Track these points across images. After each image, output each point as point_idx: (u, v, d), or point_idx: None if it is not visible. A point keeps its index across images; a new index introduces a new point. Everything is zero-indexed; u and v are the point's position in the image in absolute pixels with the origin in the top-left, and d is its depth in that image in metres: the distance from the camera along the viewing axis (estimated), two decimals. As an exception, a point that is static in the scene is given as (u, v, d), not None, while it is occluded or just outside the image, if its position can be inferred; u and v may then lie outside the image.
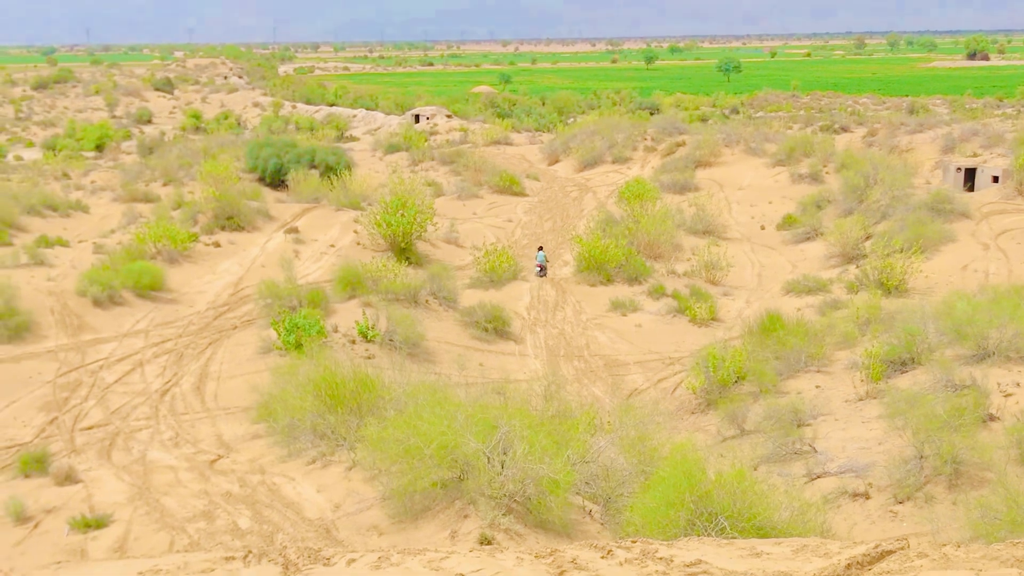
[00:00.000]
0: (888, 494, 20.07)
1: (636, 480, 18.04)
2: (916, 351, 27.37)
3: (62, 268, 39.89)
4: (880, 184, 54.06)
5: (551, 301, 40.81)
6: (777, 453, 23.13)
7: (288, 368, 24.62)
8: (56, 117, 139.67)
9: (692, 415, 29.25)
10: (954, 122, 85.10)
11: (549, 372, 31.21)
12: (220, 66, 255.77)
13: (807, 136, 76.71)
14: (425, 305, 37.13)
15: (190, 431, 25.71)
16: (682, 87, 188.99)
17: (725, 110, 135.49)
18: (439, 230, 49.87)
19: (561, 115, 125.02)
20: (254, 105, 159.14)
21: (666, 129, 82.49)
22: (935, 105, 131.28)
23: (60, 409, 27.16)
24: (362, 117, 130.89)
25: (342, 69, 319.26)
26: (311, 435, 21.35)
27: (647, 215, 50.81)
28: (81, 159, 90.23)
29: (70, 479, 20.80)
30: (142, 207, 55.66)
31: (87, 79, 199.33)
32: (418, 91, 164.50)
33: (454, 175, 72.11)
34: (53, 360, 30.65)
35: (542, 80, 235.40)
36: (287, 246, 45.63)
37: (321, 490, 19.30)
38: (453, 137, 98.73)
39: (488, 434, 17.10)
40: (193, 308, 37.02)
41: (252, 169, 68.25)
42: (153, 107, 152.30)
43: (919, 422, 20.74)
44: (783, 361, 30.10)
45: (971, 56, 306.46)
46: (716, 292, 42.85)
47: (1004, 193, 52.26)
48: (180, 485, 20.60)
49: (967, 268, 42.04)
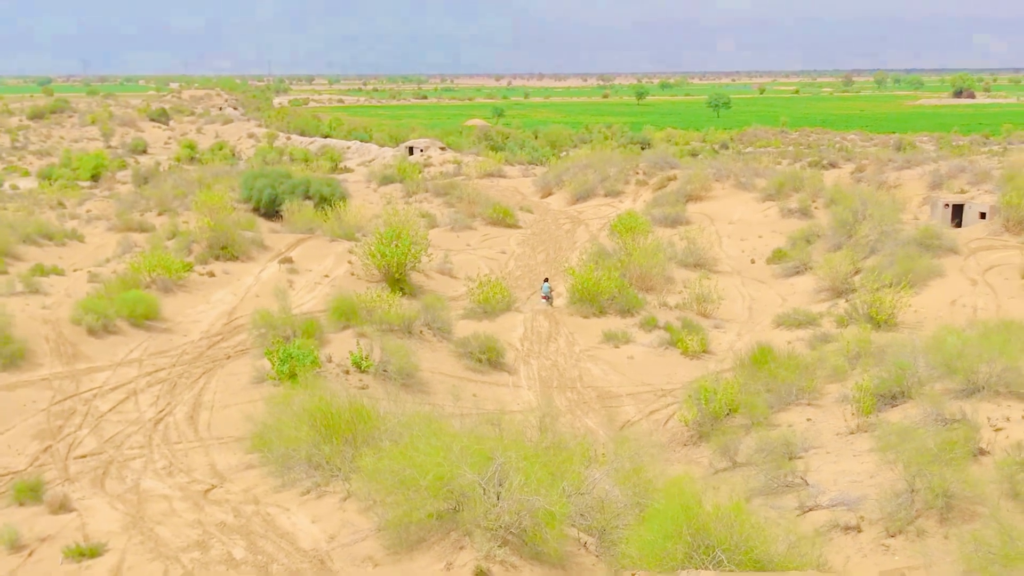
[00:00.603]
0: (880, 527, 20.00)
1: (631, 512, 17.97)
2: (906, 385, 27.34)
3: (57, 297, 39.80)
4: (869, 219, 54.28)
5: (544, 332, 40.79)
6: (769, 486, 23.05)
7: (282, 398, 24.50)
8: (52, 147, 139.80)
9: (684, 447, 29.20)
10: (941, 159, 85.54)
11: (543, 403, 31.13)
12: (215, 97, 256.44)
13: (796, 171, 77.14)
14: (419, 336, 37.07)
15: (184, 460, 25.56)
16: (672, 122, 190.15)
17: (715, 145, 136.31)
18: (433, 261, 49.92)
19: (554, 148, 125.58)
20: (249, 136, 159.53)
21: (657, 163, 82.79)
22: (922, 142, 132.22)
23: (54, 437, 27.00)
24: (356, 149, 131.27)
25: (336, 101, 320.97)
26: (306, 465, 21.21)
27: (639, 248, 50.90)
28: (76, 188, 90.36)
29: (64, 508, 20.64)
30: (137, 236, 55.63)
31: (83, 109, 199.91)
32: (412, 123, 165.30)
33: (448, 207, 72.26)
34: (47, 388, 30.50)
35: (535, 114, 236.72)
36: (281, 276, 45.58)
37: (316, 521, 19.16)
38: (447, 169, 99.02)
39: (484, 465, 17.03)
40: (187, 337, 36.92)
41: (247, 199, 68.20)
42: (148, 137, 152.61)
43: (910, 456, 20.70)
44: (774, 394, 30.06)
45: (957, 94, 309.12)
46: (707, 325, 42.88)
47: (991, 229, 52.45)
48: (174, 515, 20.44)
49: (955, 303, 42.14)
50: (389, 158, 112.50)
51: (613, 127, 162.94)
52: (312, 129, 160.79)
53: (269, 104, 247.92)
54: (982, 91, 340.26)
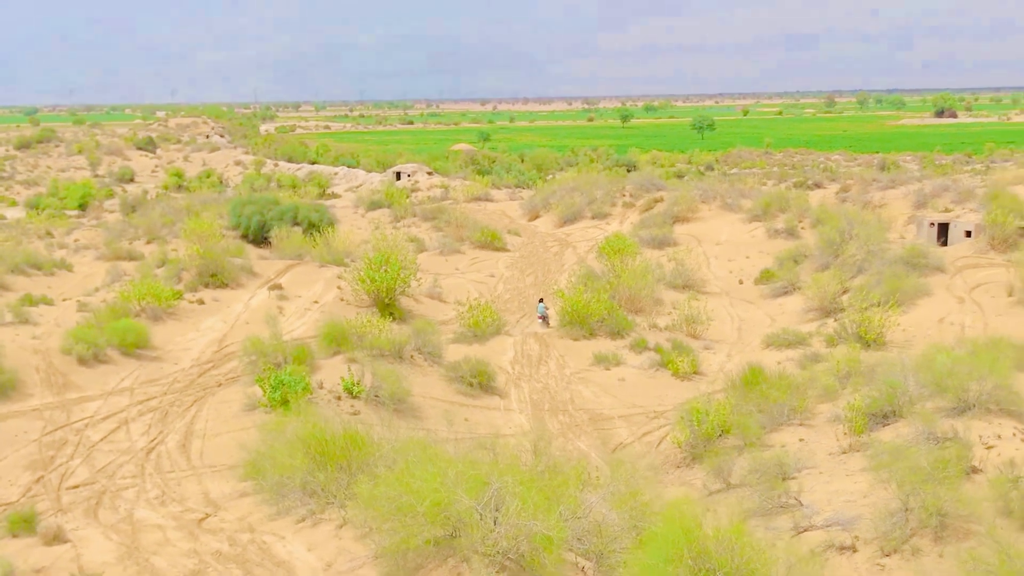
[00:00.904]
0: (875, 547, 19.98)
1: (628, 536, 17.92)
2: (897, 404, 27.39)
3: (47, 326, 39.58)
4: (855, 239, 54.51)
5: (535, 355, 40.76)
6: (764, 507, 23.03)
7: (275, 425, 24.41)
8: (39, 176, 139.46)
9: (678, 469, 29.16)
10: (925, 178, 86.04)
11: (535, 427, 31.09)
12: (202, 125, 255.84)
13: (782, 192, 77.54)
14: (410, 360, 37.01)
15: (177, 489, 25.40)
16: (657, 144, 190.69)
17: (700, 167, 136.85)
18: (422, 285, 49.89)
19: (540, 172, 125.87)
20: (236, 163, 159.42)
21: (644, 185, 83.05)
22: (905, 161, 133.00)
23: (46, 468, 26.82)
24: (344, 175, 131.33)
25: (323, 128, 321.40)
26: (300, 493, 21.11)
27: (628, 270, 50.98)
28: (64, 218, 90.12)
29: (58, 539, 20.47)
30: (126, 265, 55.40)
31: (70, 139, 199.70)
32: (399, 149, 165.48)
33: (436, 231, 72.32)
34: (38, 418, 30.31)
35: (520, 138, 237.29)
36: (271, 303, 45.45)
37: (312, 548, 19.06)
38: (434, 194, 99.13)
39: (480, 490, 16.96)
40: (178, 365, 36.75)
41: (235, 226, 68.10)
42: (135, 166, 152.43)
43: (903, 475, 20.70)
44: (766, 414, 30.08)
45: (939, 114, 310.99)
46: (697, 346, 42.90)
47: (977, 247, 52.72)
48: (169, 544, 20.31)
49: (943, 321, 42.28)
50: (376, 183, 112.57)
51: (599, 150, 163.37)
52: (299, 155, 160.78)
53: (256, 131, 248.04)
54: (963, 110, 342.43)
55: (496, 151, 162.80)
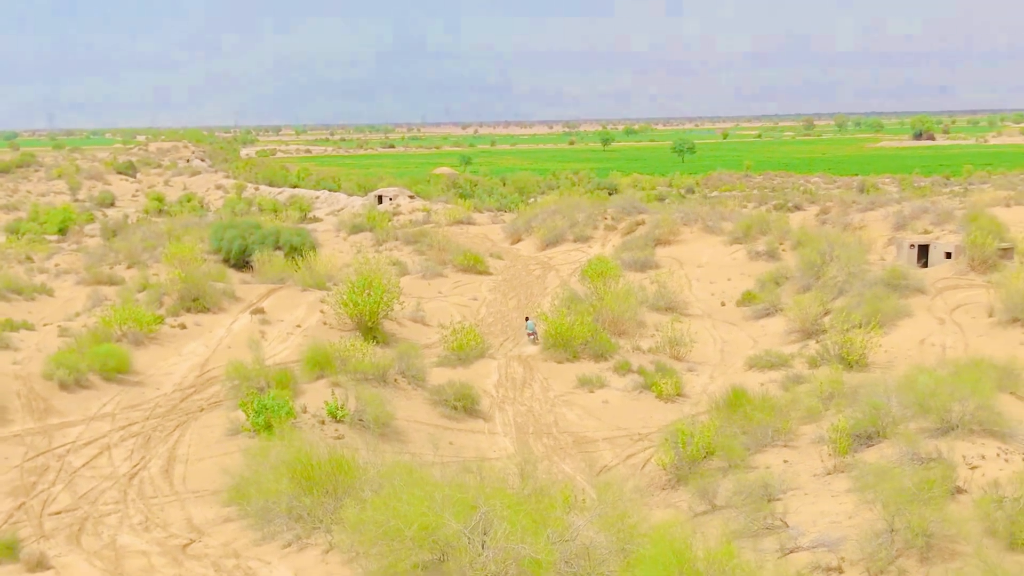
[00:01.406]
0: (861, 568, 20.01)
1: (616, 559, 17.90)
2: (881, 425, 27.48)
3: (27, 352, 39.33)
4: (836, 261, 54.77)
5: (519, 378, 40.74)
6: (749, 528, 23.02)
7: (259, 450, 24.31)
8: (19, 201, 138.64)
9: (663, 491, 29.16)
10: (904, 200, 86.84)
11: (520, 450, 31.06)
12: (182, 149, 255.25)
13: (762, 214, 77.94)
14: (394, 384, 36.92)
15: (160, 515, 25.22)
16: (638, 168, 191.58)
17: (681, 190, 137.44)
18: (405, 309, 49.78)
19: (522, 195, 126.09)
20: (217, 187, 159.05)
21: (625, 208, 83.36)
22: (884, 184, 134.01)
23: (28, 494, 26.59)
24: (325, 198, 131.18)
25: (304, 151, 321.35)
26: (286, 517, 21.01)
27: (610, 292, 51.07)
28: (44, 243, 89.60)
29: (41, 565, 20.33)
30: (107, 290, 55.04)
31: (49, 163, 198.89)
32: (380, 172, 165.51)
33: (418, 254, 72.24)
34: (20, 444, 30.06)
35: (502, 161, 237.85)
36: (253, 327, 45.28)
37: (298, 573, 18.97)
38: (416, 217, 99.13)
39: (467, 514, 16.93)
40: (160, 390, 36.55)
41: (216, 251, 67.94)
42: (116, 190, 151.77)
43: (888, 495, 20.76)
44: (750, 436, 30.12)
45: (917, 136, 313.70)
46: (680, 368, 42.97)
47: (957, 269, 53.11)
48: (153, 570, 20.18)
49: (924, 342, 42.53)
50: (358, 207, 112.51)
51: (580, 173, 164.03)
52: (280, 179, 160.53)
53: (237, 155, 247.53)
54: (941, 133, 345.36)
55: (478, 174, 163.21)
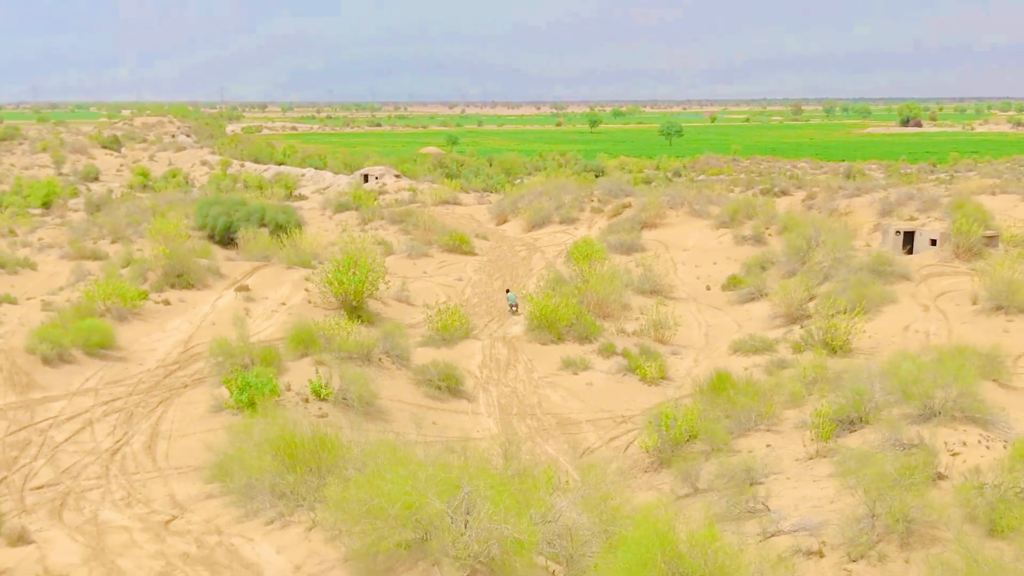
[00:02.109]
0: (842, 552, 20.14)
1: (599, 540, 17.96)
2: (864, 410, 27.62)
3: (10, 326, 39.18)
4: (822, 246, 54.91)
5: (503, 359, 40.77)
6: (731, 512, 23.13)
7: (243, 427, 24.26)
8: (2, 174, 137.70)
9: (645, 473, 29.26)
10: (890, 186, 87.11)
11: (504, 431, 31.09)
12: (168, 124, 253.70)
13: (749, 199, 78.10)
14: (378, 363, 36.90)
15: (142, 491, 25.16)
16: (626, 150, 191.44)
17: (668, 173, 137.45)
18: (390, 288, 49.71)
19: (508, 176, 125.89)
20: (202, 164, 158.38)
21: (612, 191, 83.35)
22: (871, 170, 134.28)
23: (9, 468, 26.49)
24: (311, 176, 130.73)
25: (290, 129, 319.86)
26: (269, 495, 20.98)
27: (595, 275, 51.08)
28: (28, 216, 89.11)
29: (23, 540, 20.21)
30: (91, 264, 54.89)
31: (33, 136, 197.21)
32: (366, 151, 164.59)
33: (404, 234, 72.15)
34: (2, 419, 29.91)
35: (489, 142, 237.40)
36: (238, 304, 45.17)
37: (281, 551, 18.96)
38: (402, 197, 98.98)
39: (450, 494, 16.95)
40: (143, 366, 36.43)
41: (201, 227, 67.65)
42: (100, 165, 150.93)
43: (870, 481, 20.90)
44: (733, 420, 30.24)
45: (904, 123, 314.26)
46: (665, 351, 43.06)
47: (942, 256, 53.33)
48: (135, 546, 20.13)
49: (908, 328, 42.70)
50: (344, 185, 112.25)
51: (567, 155, 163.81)
52: (266, 156, 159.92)
53: (222, 131, 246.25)
54: (928, 120, 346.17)
55: (464, 155, 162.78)
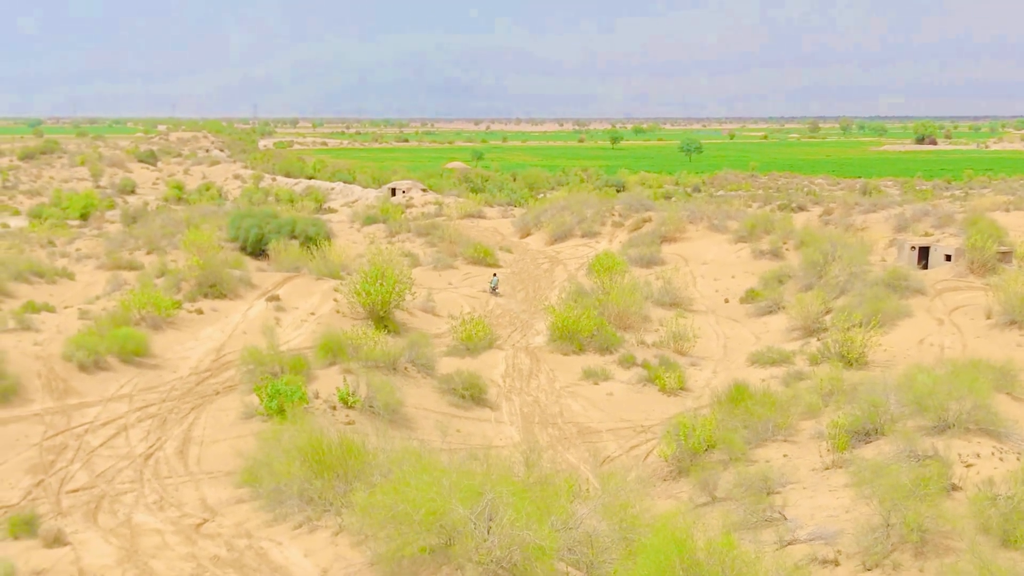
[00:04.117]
0: (857, 561, 20.01)
1: (619, 547, 17.89)
2: (879, 422, 27.46)
3: (48, 333, 39.45)
4: (838, 261, 54.68)
5: (525, 369, 40.75)
6: (748, 520, 23.02)
7: (272, 433, 24.34)
8: (42, 186, 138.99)
9: (664, 482, 29.15)
10: (905, 203, 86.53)
11: (526, 439, 31.06)
12: (202, 140, 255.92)
13: (767, 214, 77.75)
14: (404, 372, 36.94)
15: (174, 495, 25.29)
16: (646, 166, 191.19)
17: (688, 188, 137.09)
18: (416, 299, 49.79)
19: (532, 190, 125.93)
20: (235, 177, 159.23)
21: (633, 206, 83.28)
22: (887, 186, 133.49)
23: (46, 472, 26.69)
24: (340, 190, 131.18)
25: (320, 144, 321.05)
26: (297, 500, 21.04)
27: (616, 287, 51.04)
28: (66, 227, 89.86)
29: (59, 541, 20.36)
30: (126, 274, 55.27)
31: (73, 150, 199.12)
32: (394, 166, 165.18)
33: (430, 246, 72.34)
34: (39, 423, 30.17)
35: (513, 157, 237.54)
36: (268, 313, 45.36)
37: (308, 554, 19.00)
38: (428, 210, 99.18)
39: (473, 500, 16.93)
40: (176, 373, 36.63)
41: (234, 239, 67.98)
42: (137, 178, 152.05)
43: (885, 491, 20.75)
44: (751, 430, 30.11)
45: (919, 141, 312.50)
46: (684, 362, 42.92)
47: (957, 271, 52.98)
48: (167, 548, 20.22)
49: (923, 342, 42.42)
50: (372, 199, 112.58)
51: (589, 170, 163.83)
52: (297, 171, 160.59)
53: (255, 146, 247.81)
54: (943, 138, 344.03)
55: (489, 169, 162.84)
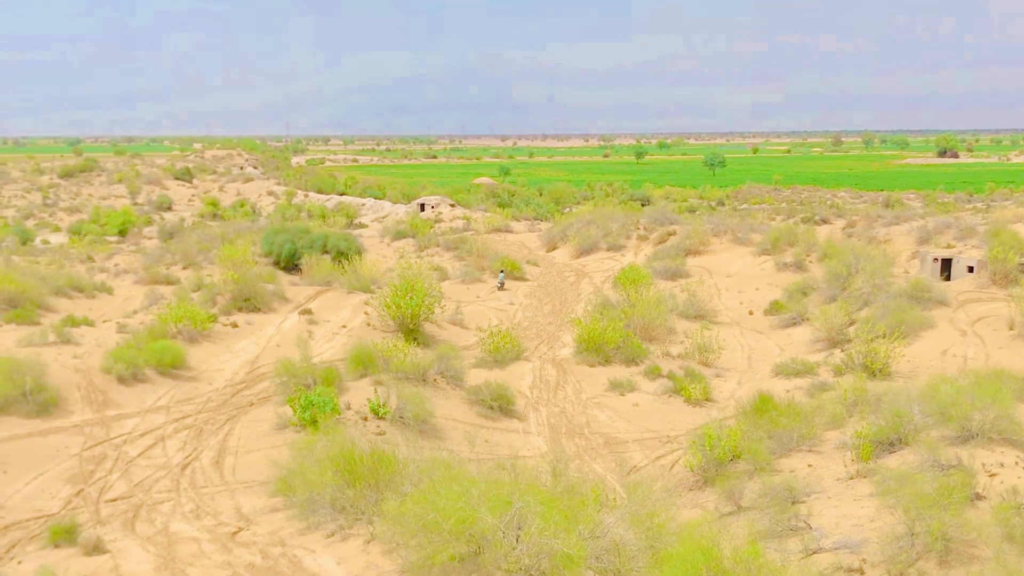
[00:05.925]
0: (882, 570, 19.84)
1: (645, 555, 17.84)
2: (903, 432, 27.22)
3: (88, 346, 39.80)
4: (862, 273, 54.35)
5: (552, 381, 40.73)
6: (774, 529, 22.87)
7: (305, 444, 24.45)
8: (81, 204, 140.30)
9: (690, 492, 29.02)
10: (928, 215, 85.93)
11: (553, 449, 31.02)
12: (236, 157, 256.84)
13: (790, 227, 77.35)
14: (433, 384, 37.01)
15: (210, 504, 25.43)
16: (671, 180, 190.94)
17: (712, 202, 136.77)
18: (445, 312, 49.92)
19: (558, 205, 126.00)
20: (268, 194, 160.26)
21: (657, 219, 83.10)
22: (909, 199, 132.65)
23: (86, 481, 26.91)
24: (370, 206, 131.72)
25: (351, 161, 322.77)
26: (330, 509, 21.12)
27: (642, 300, 50.94)
28: (105, 243, 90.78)
29: (98, 550, 20.53)
30: (163, 289, 55.70)
31: (111, 168, 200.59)
32: (423, 182, 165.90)
33: (458, 260, 72.51)
34: (79, 434, 30.44)
35: (539, 172, 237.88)
36: (301, 326, 45.58)
37: (341, 562, 19.05)
38: (456, 225, 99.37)
39: (502, 509, 16.94)
40: (212, 385, 36.87)
41: (267, 254, 68.51)
42: (173, 195, 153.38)
43: (909, 500, 20.58)
44: (776, 440, 29.92)
45: (941, 154, 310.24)
46: (709, 373, 42.76)
47: (979, 282, 52.50)
48: (204, 556, 20.33)
49: (946, 353, 42.06)
50: (402, 214, 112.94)
51: (614, 184, 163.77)
52: (328, 187, 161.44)
53: (287, 163, 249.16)
54: (965, 151, 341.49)
55: (516, 184, 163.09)
